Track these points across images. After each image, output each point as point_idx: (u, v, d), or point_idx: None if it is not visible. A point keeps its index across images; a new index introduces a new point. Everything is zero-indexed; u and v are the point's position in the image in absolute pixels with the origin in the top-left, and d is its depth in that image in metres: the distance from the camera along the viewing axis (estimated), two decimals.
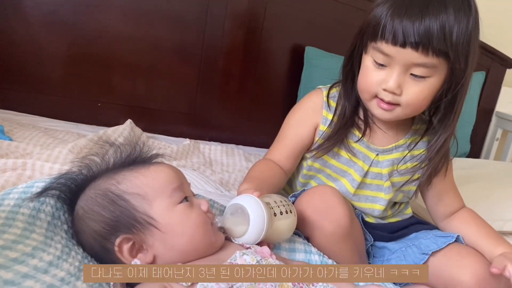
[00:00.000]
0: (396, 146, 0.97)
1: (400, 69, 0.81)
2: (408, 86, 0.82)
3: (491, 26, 2.08)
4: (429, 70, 0.80)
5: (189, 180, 1.24)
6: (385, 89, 0.83)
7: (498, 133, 2.17)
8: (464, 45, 0.79)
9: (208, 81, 1.83)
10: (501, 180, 1.56)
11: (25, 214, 0.64)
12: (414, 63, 0.79)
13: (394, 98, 0.83)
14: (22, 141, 1.35)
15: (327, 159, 0.97)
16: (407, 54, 0.78)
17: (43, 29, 1.65)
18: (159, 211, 0.63)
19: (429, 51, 0.77)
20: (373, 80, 0.84)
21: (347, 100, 0.94)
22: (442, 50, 0.78)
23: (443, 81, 0.84)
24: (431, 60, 0.79)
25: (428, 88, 0.83)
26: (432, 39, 0.76)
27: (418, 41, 0.77)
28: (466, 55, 0.80)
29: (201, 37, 1.78)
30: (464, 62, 0.81)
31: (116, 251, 0.61)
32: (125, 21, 1.70)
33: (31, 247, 0.57)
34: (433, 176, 0.97)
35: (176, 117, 1.86)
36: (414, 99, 0.83)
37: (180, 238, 0.63)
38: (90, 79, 1.73)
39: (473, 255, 0.91)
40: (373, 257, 0.98)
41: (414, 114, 0.90)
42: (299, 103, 1.03)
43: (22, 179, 1.11)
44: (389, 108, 0.85)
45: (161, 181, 0.65)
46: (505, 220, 1.37)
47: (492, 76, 2.07)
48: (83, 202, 0.65)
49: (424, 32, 0.76)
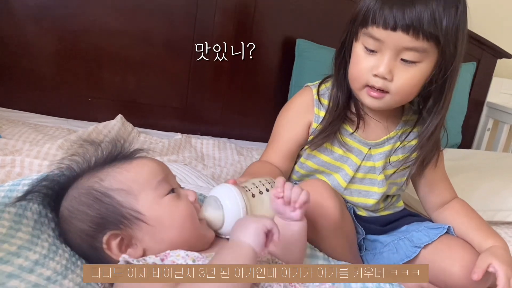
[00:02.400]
0: (388, 139, 0.97)
1: (391, 53, 0.81)
2: (398, 71, 0.82)
3: (482, 16, 2.09)
4: (419, 55, 0.81)
5: (181, 175, 1.25)
6: (376, 74, 0.83)
7: (489, 123, 2.18)
8: (453, 31, 0.80)
9: (199, 75, 1.82)
10: (492, 170, 1.57)
11: (11, 212, 0.63)
12: (405, 47, 0.80)
13: (384, 84, 0.83)
14: (12, 138, 1.33)
15: (320, 156, 0.97)
16: (398, 38, 0.79)
17: (31, 23, 1.63)
18: (146, 204, 0.62)
19: (420, 34, 0.78)
20: (364, 66, 0.84)
21: (340, 90, 0.93)
22: (433, 33, 0.78)
23: (433, 67, 0.84)
24: (422, 44, 0.79)
25: (418, 74, 0.83)
26: (422, 23, 0.77)
27: (409, 24, 0.77)
28: (455, 41, 0.81)
29: (191, 31, 1.76)
30: (453, 48, 0.82)
31: (104, 248, 0.61)
32: (114, 15, 1.68)
33: (17, 246, 0.57)
34: (425, 165, 0.97)
35: (167, 112, 1.85)
36: (404, 84, 0.83)
37: (169, 230, 0.63)
38: (79, 74, 1.72)
39: (463, 247, 0.91)
40: (365, 250, 0.98)
41: (404, 101, 0.90)
42: (290, 103, 1.02)
43: (11, 176, 1.10)
44: (379, 96, 0.85)
45: (145, 174, 0.65)
46: (496, 210, 1.37)
47: (483, 67, 2.07)
48: (67, 203, 0.64)
49: (415, 16, 0.77)
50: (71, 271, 0.59)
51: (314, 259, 0.81)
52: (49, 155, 1.20)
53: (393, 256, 0.95)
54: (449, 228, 0.95)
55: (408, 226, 0.99)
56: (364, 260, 0.97)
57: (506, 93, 2.22)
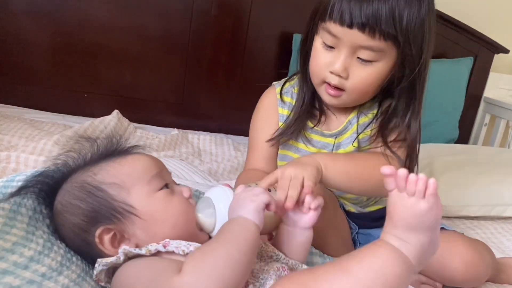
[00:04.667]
0: (349, 121, 0.93)
1: (347, 51, 0.79)
2: (354, 69, 0.81)
3: (479, 11, 2.09)
4: (376, 54, 0.78)
5: (177, 171, 1.25)
6: (332, 71, 0.81)
7: (486, 118, 2.18)
8: (416, 30, 0.77)
9: (195, 70, 1.81)
10: (489, 165, 1.57)
11: (6, 209, 0.63)
12: (361, 45, 0.77)
13: (340, 82, 0.82)
14: (7, 133, 1.33)
15: (289, 154, 0.96)
16: (354, 36, 0.76)
17: (27, 18, 1.62)
18: (138, 198, 0.62)
19: (376, 33, 0.75)
20: (321, 62, 0.83)
21: (306, 86, 0.92)
22: (391, 33, 0.75)
23: (391, 67, 0.81)
24: (378, 44, 0.77)
25: (374, 73, 0.81)
26: (380, 21, 0.74)
27: (365, 22, 0.74)
28: (420, 41, 0.78)
29: (187, 25, 1.75)
30: (416, 48, 0.78)
31: (97, 242, 0.60)
32: (109, 9, 1.67)
33: (11, 243, 0.56)
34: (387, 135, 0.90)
35: (164, 107, 1.84)
36: (359, 83, 0.82)
37: (162, 225, 0.62)
38: (75, 69, 1.71)
39: (463, 242, 0.90)
40: (359, 244, 0.98)
41: (362, 100, 0.88)
42: (258, 104, 1.01)
43: (7, 172, 1.10)
44: (336, 94, 0.84)
45: (138, 168, 0.64)
46: (493, 205, 1.38)
47: (480, 62, 2.07)
48: (61, 197, 0.64)
49: (372, 13, 0.74)
50: (66, 268, 0.59)
51: (310, 255, 0.81)
52: (44, 151, 1.19)
53: None
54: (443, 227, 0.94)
55: None
56: None
57: (503, 88, 2.22)
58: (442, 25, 1.94)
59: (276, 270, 0.60)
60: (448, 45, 2.00)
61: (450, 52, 2.01)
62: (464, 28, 1.98)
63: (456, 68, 1.99)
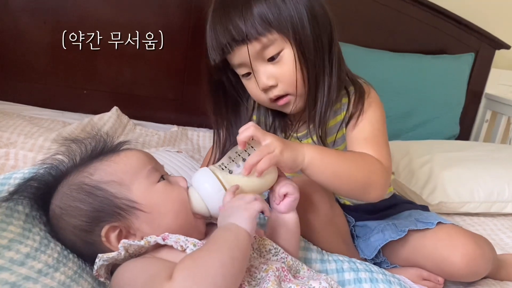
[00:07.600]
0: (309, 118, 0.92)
1: (256, 65, 0.82)
2: (275, 72, 0.82)
3: (480, 7, 2.08)
4: (273, 47, 0.80)
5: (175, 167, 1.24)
6: (264, 89, 0.83)
7: (487, 114, 2.16)
8: (289, 22, 0.78)
9: (195, 66, 1.80)
10: (490, 161, 1.56)
11: (3, 206, 0.63)
12: (256, 51, 0.80)
13: (278, 90, 0.84)
14: (6, 130, 1.32)
15: None
16: (243, 51, 0.79)
17: (26, 15, 1.62)
18: (139, 192, 0.63)
19: (253, 34, 0.78)
20: (254, 91, 0.86)
21: (265, 113, 0.96)
22: (263, 32, 0.78)
23: (296, 50, 0.81)
24: (263, 40, 0.79)
25: (289, 61, 0.81)
26: (244, 31, 0.77)
27: (238, 39, 0.78)
28: (302, 29, 0.79)
29: (186, 21, 1.74)
30: (307, 34, 0.79)
31: (103, 241, 0.61)
32: (108, 5, 1.66)
33: (8, 239, 0.56)
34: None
35: (163, 104, 1.84)
36: (287, 77, 0.82)
37: (166, 216, 0.63)
38: (74, 66, 1.70)
39: (464, 235, 0.89)
40: (357, 238, 0.98)
41: (308, 94, 0.86)
42: None
43: (5, 169, 1.10)
44: (286, 101, 0.85)
45: (134, 164, 0.65)
46: (493, 201, 1.38)
47: (481, 58, 2.05)
48: (58, 201, 0.63)
49: (236, 30, 0.78)
50: (62, 264, 0.59)
51: (308, 251, 0.81)
52: (43, 148, 1.19)
53: (380, 240, 0.92)
54: (440, 222, 0.93)
55: (397, 216, 0.99)
56: (358, 250, 0.97)
57: (504, 85, 2.20)
58: (443, 21, 1.93)
59: (275, 270, 0.60)
60: (449, 41, 1.99)
61: (450, 48, 2.00)
62: (465, 24, 1.97)
63: (457, 64, 1.98)
